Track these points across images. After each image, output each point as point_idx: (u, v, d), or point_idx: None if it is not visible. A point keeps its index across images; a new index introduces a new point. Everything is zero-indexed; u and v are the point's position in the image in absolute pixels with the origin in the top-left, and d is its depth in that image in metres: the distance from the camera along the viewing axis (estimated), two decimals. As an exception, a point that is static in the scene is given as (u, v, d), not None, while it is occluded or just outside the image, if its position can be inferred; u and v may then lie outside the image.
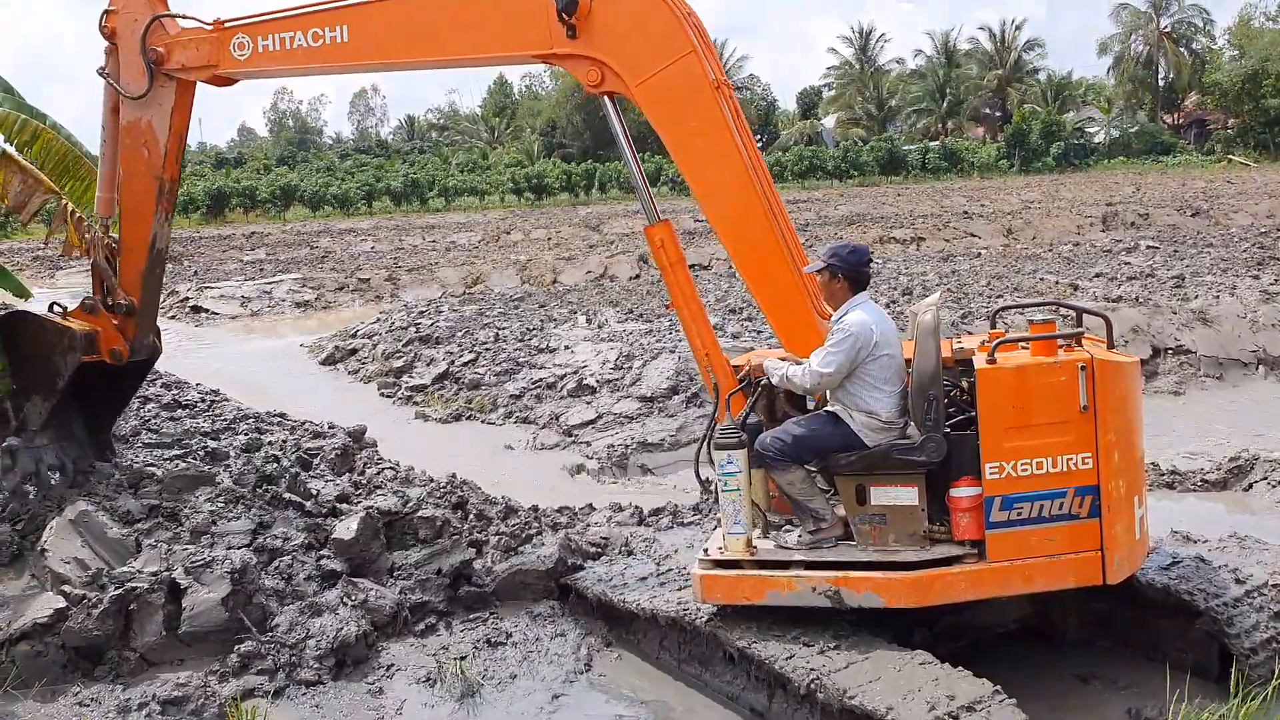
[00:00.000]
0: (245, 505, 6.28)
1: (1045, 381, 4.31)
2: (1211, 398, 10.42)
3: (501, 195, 56.61)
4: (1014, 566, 4.35)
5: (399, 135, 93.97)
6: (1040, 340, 4.43)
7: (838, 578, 4.47)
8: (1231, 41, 64.17)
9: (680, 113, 4.92)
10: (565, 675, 5.16)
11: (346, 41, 5.37)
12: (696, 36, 4.90)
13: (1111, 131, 64.96)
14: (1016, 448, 4.31)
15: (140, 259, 6.04)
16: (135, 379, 6.68)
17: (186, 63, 5.74)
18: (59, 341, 6.01)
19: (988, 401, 4.34)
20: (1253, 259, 17.06)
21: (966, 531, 4.42)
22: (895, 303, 13.91)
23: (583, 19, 4.89)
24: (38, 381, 6.08)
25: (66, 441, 6.35)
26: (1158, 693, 4.45)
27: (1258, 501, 7.24)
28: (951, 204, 34.77)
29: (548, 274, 21.76)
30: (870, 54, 76.45)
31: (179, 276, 24.58)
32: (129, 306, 6.09)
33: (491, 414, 10.94)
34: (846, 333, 4.56)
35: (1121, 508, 4.37)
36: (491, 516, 6.57)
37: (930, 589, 4.38)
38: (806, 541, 4.71)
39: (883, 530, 4.59)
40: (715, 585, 4.70)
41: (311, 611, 5.33)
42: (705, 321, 5.10)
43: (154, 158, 5.88)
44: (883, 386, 4.60)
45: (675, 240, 5.16)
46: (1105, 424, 4.29)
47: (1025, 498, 4.31)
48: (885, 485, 4.58)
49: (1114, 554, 4.33)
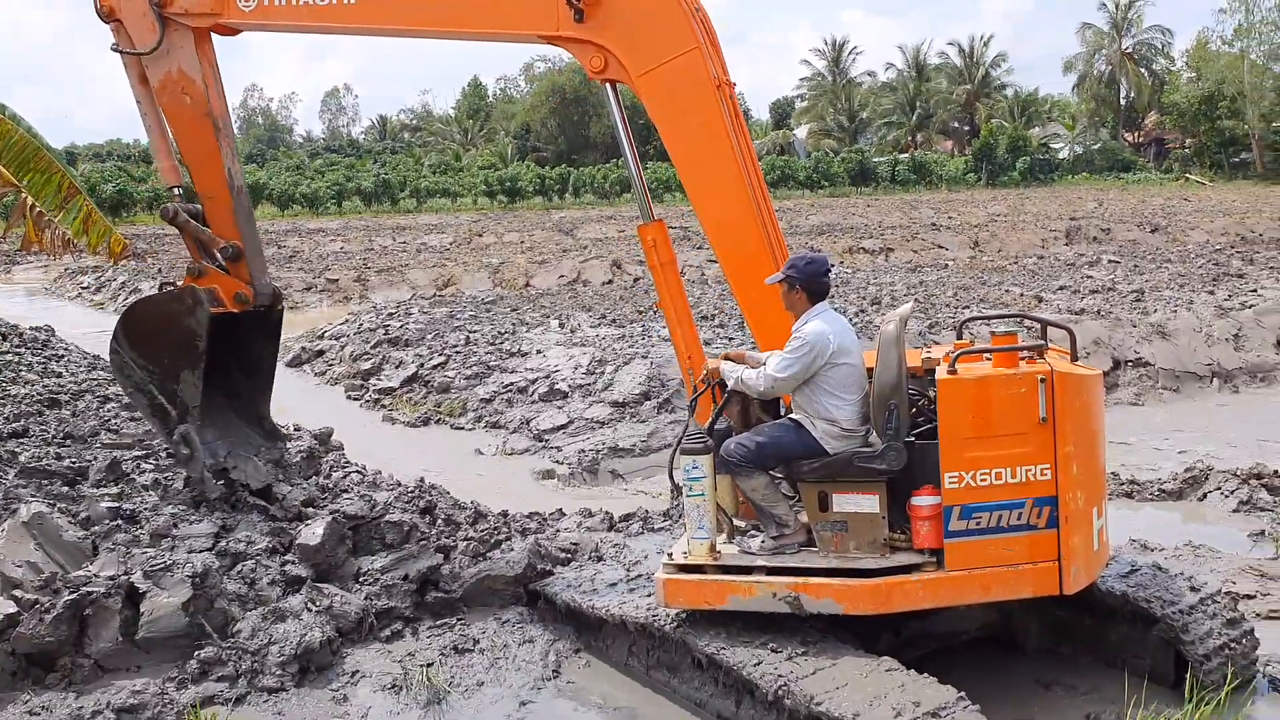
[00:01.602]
0: (208, 508, 6.22)
1: (1005, 393, 4.35)
2: (1169, 409, 10.63)
3: (474, 197, 56.36)
4: (972, 575, 4.39)
5: (370, 135, 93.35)
6: (1002, 352, 4.48)
7: (797, 583, 4.51)
8: (1189, 64, 65.46)
9: (680, 109, 4.94)
10: (533, 682, 5.14)
11: (354, 3, 5.36)
12: (703, 33, 4.93)
13: (1075, 148, 65.97)
14: (976, 458, 4.34)
15: (225, 201, 5.93)
16: (269, 336, 6.40)
17: (190, 8, 5.69)
18: (182, 305, 5.91)
19: (948, 412, 4.39)
20: (1208, 275, 17.41)
21: (926, 540, 4.46)
22: (864, 312, 14.04)
23: (591, 4, 4.90)
24: (178, 356, 5.95)
25: (232, 436, 6.29)
26: (1115, 698, 4.54)
27: (1212, 511, 7.39)
28: (920, 216, 35.12)
29: (520, 277, 21.71)
30: (843, 66, 77.12)
31: (142, 274, 24.25)
32: (234, 250, 5.96)
33: (461, 418, 10.90)
34: (802, 341, 4.62)
35: (1079, 519, 4.41)
36: (460, 521, 6.54)
37: (888, 596, 4.42)
38: (769, 547, 4.75)
39: (844, 537, 4.64)
40: (678, 589, 4.74)
41: (275, 617, 5.27)
42: (690, 323, 5.15)
43: (197, 99, 5.78)
44: (843, 395, 4.65)
45: (667, 240, 5.21)
46: (1064, 436, 4.32)
47: (984, 507, 4.35)
48: (847, 493, 4.62)
49: (1071, 564, 4.37)
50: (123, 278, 24.05)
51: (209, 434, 6.15)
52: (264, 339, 6.38)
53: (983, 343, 4.84)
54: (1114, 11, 68.47)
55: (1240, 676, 4.59)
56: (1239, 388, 11.32)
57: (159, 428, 6.22)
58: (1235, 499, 7.38)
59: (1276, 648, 5.01)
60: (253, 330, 6.29)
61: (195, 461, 6.03)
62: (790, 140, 73.17)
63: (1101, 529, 4.61)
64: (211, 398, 6.15)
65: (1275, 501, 7.22)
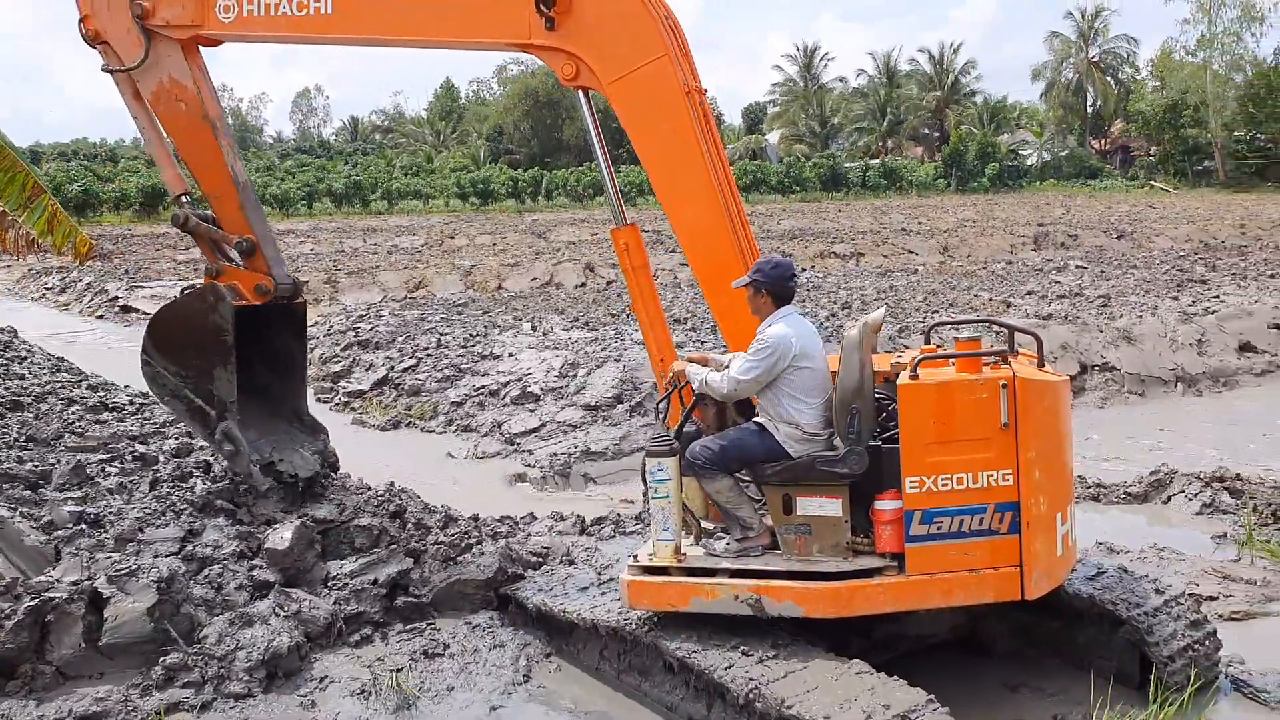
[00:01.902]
0: (175, 512, 6.14)
1: (967, 398, 4.37)
2: (1134, 413, 10.77)
3: (446, 199, 56.09)
4: (933, 580, 4.40)
5: (341, 136, 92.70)
6: (965, 357, 4.49)
7: (759, 586, 4.54)
8: (1153, 73, 66.51)
9: (650, 115, 4.99)
10: (503, 686, 5.12)
11: (331, 14, 5.46)
12: (673, 40, 4.96)
13: (1043, 155, 66.76)
14: (937, 463, 4.36)
15: (232, 198, 6.05)
16: (293, 334, 6.47)
17: (171, 19, 5.81)
18: (205, 303, 6.00)
19: (909, 417, 4.40)
20: (1173, 281, 17.67)
21: (888, 544, 4.47)
22: (835, 316, 14.11)
23: (562, 12, 4.96)
24: (209, 354, 6.02)
25: (273, 435, 6.31)
26: (1082, 699, 4.59)
27: (1176, 514, 7.50)
28: (890, 221, 35.38)
29: (492, 280, 21.63)
30: (814, 72, 77.55)
31: (108, 275, 23.92)
32: (248, 243, 6.04)
33: (432, 421, 10.83)
34: (765, 344, 4.64)
35: (1042, 524, 4.41)
36: (430, 525, 6.50)
37: (849, 600, 4.43)
38: (734, 550, 4.78)
39: (807, 540, 4.66)
40: (642, 591, 4.76)
41: (242, 622, 5.20)
42: (664, 326, 5.18)
43: (192, 104, 5.92)
44: (805, 398, 4.67)
45: (640, 244, 5.24)
46: (1026, 442, 4.34)
47: (945, 512, 4.36)
48: (811, 496, 4.64)
49: (1033, 570, 4.38)
50: (88, 279, 23.70)
51: (250, 434, 6.16)
52: (290, 333, 6.45)
53: (951, 348, 4.87)
54: (1081, 21, 69.43)
55: (1203, 677, 4.66)
56: (1202, 392, 11.50)
57: (200, 430, 6.25)
58: (1199, 502, 7.49)
59: (1238, 648, 5.10)
60: (279, 326, 6.37)
61: (241, 456, 6.07)
62: (762, 145, 73.51)
63: (1066, 534, 4.63)
64: (247, 398, 6.17)
65: (1237, 504, 7.34)
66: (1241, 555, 6.54)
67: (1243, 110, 57.82)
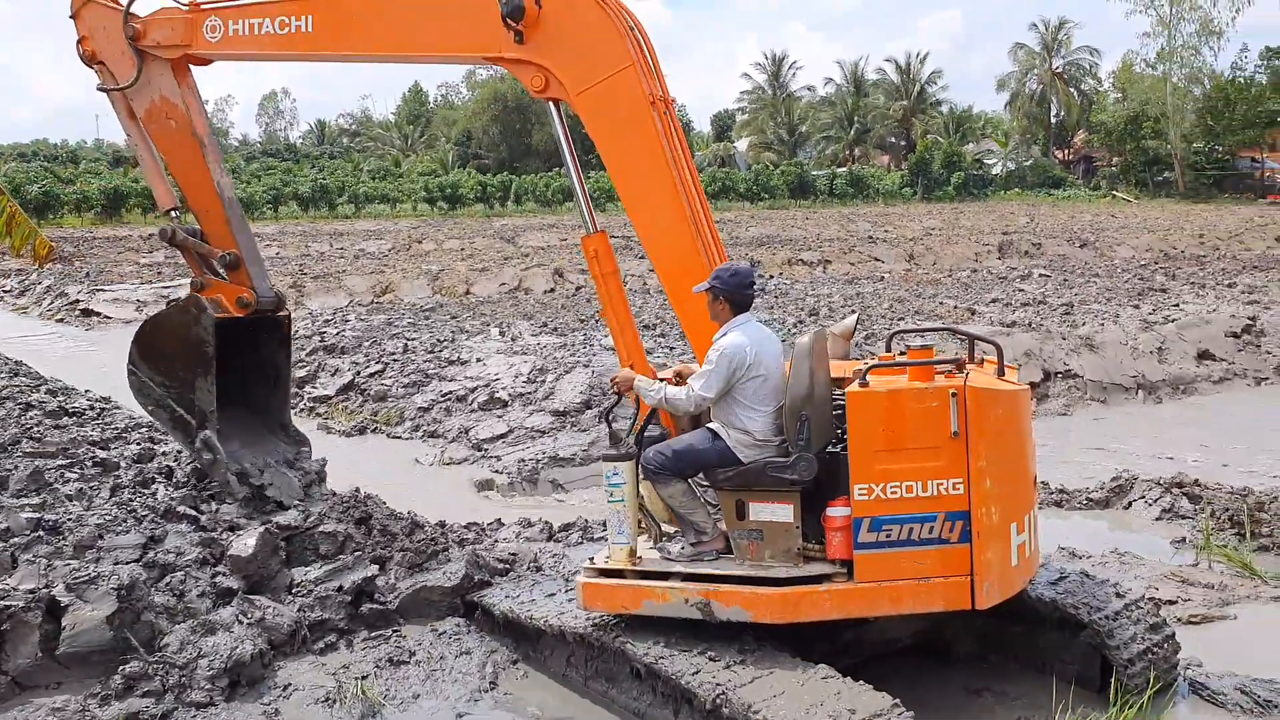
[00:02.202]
0: (136, 518, 6.05)
1: (916, 406, 4.35)
2: (1096, 419, 10.93)
3: (414, 204, 55.78)
4: (881, 588, 4.39)
5: (308, 139, 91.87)
6: (917, 365, 4.49)
7: (709, 590, 4.56)
8: (1115, 84, 67.73)
9: (615, 126, 5.03)
10: (470, 694, 5.09)
11: (311, 32, 5.61)
12: (638, 51, 5.00)
13: (1008, 164, 67.69)
14: (887, 470, 4.35)
15: (218, 215, 6.28)
16: (278, 345, 6.65)
17: (161, 40, 6.03)
18: (188, 315, 6.22)
19: (857, 424, 4.40)
20: (1134, 289, 17.97)
21: (838, 551, 4.48)
22: (802, 322, 14.21)
23: (530, 25, 5.02)
24: (190, 365, 6.22)
25: (257, 444, 6.48)
26: (1044, 703, 4.64)
27: (1136, 519, 7.62)
28: (857, 229, 35.66)
29: (460, 285, 21.53)
30: (782, 80, 78.08)
31: (69, 278, 23.55)
32: (232, 258, 6.26)
33: (398, 427, 10.76)
34: (720, 354, 4.67)
35: (994, 534, 4.38)
36: (396, 532, 6.45)
37: (796, 606, 4.45)
38: (688, 554, 4.82)
39: (759, 546, 4.68)
40: (596, 593, 4.80)
41: (204, 630, 5.13)
42: (633, 332, 5.22)
43: (181, 122, 6.15)
44: (757, 406, 4.70)
45: (609, 251, 5.27)
46: (977, 451, 4.31)
47: (894, 520, 4.35)
48: (763, 501, 4.65)
49: (984, 580, 4.35)
50: (48, 281, 23.32)
51: (233, 444, 6.33)
52: (276, 345, 6.63)
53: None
54: (1045, 32, 70.53)
55: (1162, 680, 4.73)
56: (1162, 399, 11.70)
57: (182, 439, 6.44)
58: (1158, 507, 7.61)
59: (1196, 651, 5.19)
60: (264, 338, 6.55)
61: (219, 465, 6.25)
62: (731, 153, 73.86)
63: (1024, 544, 4.56)
64: (233, 408, 6.35)
65: (1196, 510, 7.46)
66: (1200, 560, 6.65)
67: (1201, 122, 58.98)
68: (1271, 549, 6.74)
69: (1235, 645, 5.42)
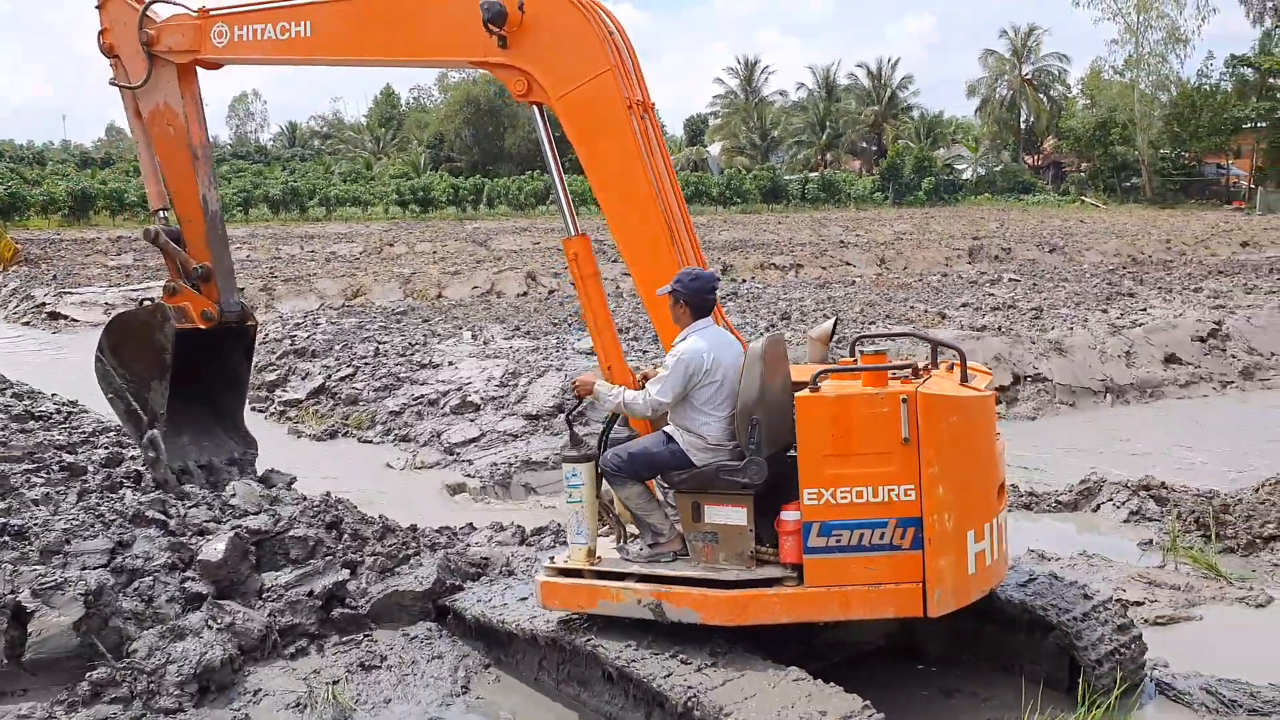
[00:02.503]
0: (104, 523, 5.98)
1: (866, 412, 4.31)
2: (1065, 423, 11.05)
3: (385, 207, 55.47)
4: (831, 592, 4.37)
5: (279, 142, 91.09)
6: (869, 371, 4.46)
7: (660, 591, 4.60)
8: (1084, 91, 68.45)
9: (593, 130, 5.09)
10: (442, 698, 5.07)
11: (310, 37, 5.81)
12: (618, 56, 5.04)
13: (978, 169, 68.32)
14: (837, 475, 4.31)
15: (199, 227, 6.55)
16: (242, 354, 6.96)
17: (173, 46, 6.29)
18: (153, 320, 6.55)
19: (806, 428, 4.39)
20: (1102, 294, 18.18)
21: (790, 555, 4.49)
22: (774, 326, 14.27)
23: (513, 30, 5.11)
24: (149, 366, 6.53)
25: (207, 440, 6.77)
26: (1014, 704, 4.69)
27: (1104, 521, 7.71)
28: (829, 233, 35.86)
29: (432, 288, 21.43)
30: (755, 85, 78.43)
31: (35, 280, 23.21)
32: (204, 271, 6.56)
33: (369, 431, 10.70)
34: (677, 359, 4.70)
35: (948, 542, 4.31)
36: (367, 536, 6.41)
37: (745, 609, 4.47)
38: (645, 555, 4.87)
39: (714, 548, 4.70)
40: (554, 592, 4.86)
41: (173, 635, 5.08)
42: (612, 334, 5.26)
43: (179, 131, 6.42)
44: (711, 411, 4.73)
45: (590, 254, 5.32)
46: (929, 457, 4.25)
47: (844, 525, 4.31)
48: (718, 504, 4.67)
49: (936, 587, 4.29)
50: (14, 284, 22.98)
51: (185, 438, 6.64)
52: (239, 353, 6.97)
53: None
54: (1015, 39, 71.27)
55: (1129, 680, 4.78)
56: (1130, 402, 11.85)
57: (132, 431, 6.78)
58: (1126, 509, 7.71)
59: (1163, 652, 5.26)
60: (229, 346, 6.86)
61: (160, 464, 6.57)
62: (704, 157, 74.07)
63: (983, 552, 4.47)
64: (191, 404, 6.69)
65: (1163, 512, 7.56)
66: (1166, 561, 6.74)
67: (1168, 129, 59.78)
68: (1236, 550, 6.84)
69: (1201, 646, 5.51)
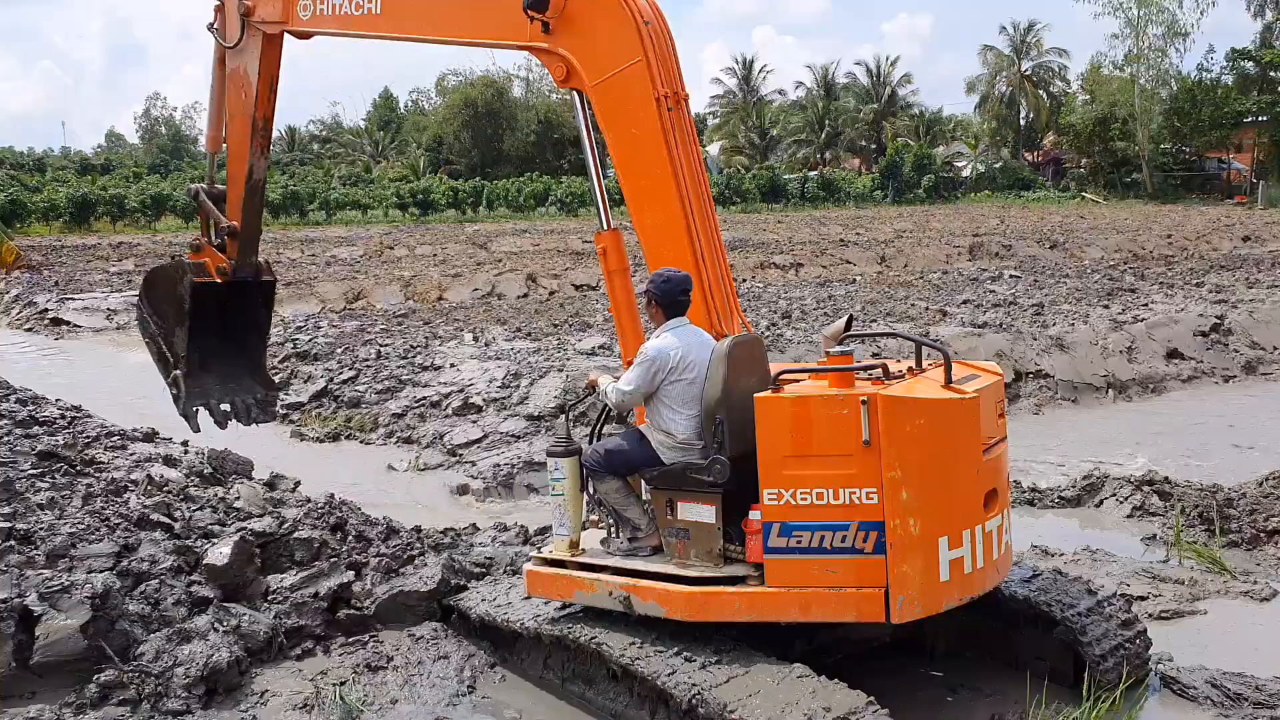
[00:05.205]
0: (109, 527, 5.99)
1: (826, 413, 4.26)
2: (1067, 418, 11.06)
3: (385, 210, 55.48)
4: (791, 594, 4.35)
5: (278, 146, 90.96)
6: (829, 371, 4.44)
7: (629, 585, 4.69)
8: (1084, 86, 68.30)
9: (621, 118, 5.12)
10: (448, 698, 5.09)
11: (379, 14, 6.06)
12: (654, 45, 5.05)
13: (978, 166, 68.21)
14: (797, 476, 4.29)
15: (240, 189, 6.87)
16: (262, 303, 7.34)
17: (265, 16, 6.54)
18: (176, 274, 6.96)
19: (765, 429, 4.36)
20: (1103, 290, 18.18)
21: (754, 554, 4.49)
22: (775, 325, 14.27)
23: (554, 17, 5.18)
24: (173, 315, 6.94)
25: (232, 382, 7.15)
26: (1019, 699, 4.70)
27: (1107, 517, 7.72)
28: (829, 232, 35.83)
29: (433, 291, 21.44)
30: (753, 84, 78.42)
31: (37, 287, 23.24)
32: (231, 230, 6.85)
33: (372, 433, 10.71)
34: (644, 357, 4.77)
35: (912, 547, 4.22)
36: (371, 538, 6.44)
37: (705, 606, 4.51)
38: (623, 549, 4.96)
39: (686, 545, 4.73)
40: (538, 581, 5.04)
41: (180, 638, 5.10)
42: (636, 329, 5.29)
43: (248, 100, 6.69)
44: (680, 409, 4.76)
45: (620, 248, 5.35)
46: (890, 460, 4.18)
47: (805, 526, 4.28)
48: (690, 502, 4.70)
49: (900, 593, 4.21)
50: (16, 290, 23.01)
51: (212, 379, 7.07)
52: (259, 306, 7.37)
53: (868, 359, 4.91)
54: (1014, 35, 71.23)
55: (1134, 675, 4.80)
56: (1132, 397, 11.85)
57: (162, 371, 7.12)
58: (1129, 505, 7.72)
59: (1167, 647, 5.27)
60: (250, 298, 7.25)
61: (180, 401, 6.99)
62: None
63: (961, 558, 4.34)
64: (220, 344, 7.18)
65: (1166, 507, 7.56)
66: (1170, 556, 6.75)
67: (1168, 124, 59.70)
68: (1240, 545, 6.85)
69: (1205, 640, 5.52)
